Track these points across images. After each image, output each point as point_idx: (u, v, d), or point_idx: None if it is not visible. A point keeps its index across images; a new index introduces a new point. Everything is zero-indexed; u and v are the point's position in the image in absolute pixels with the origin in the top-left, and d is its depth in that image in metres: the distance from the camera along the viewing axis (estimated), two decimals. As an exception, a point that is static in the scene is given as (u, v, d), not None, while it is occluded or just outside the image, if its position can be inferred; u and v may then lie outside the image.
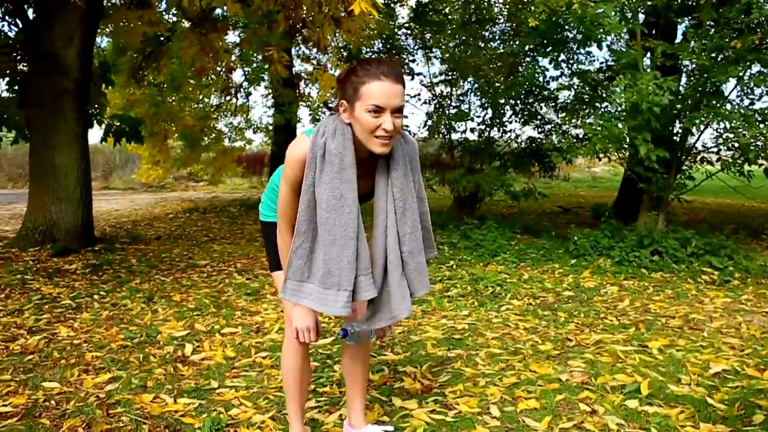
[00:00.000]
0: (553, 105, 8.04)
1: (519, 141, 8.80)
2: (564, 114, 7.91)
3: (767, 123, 6.05)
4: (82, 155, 6.36)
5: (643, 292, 4.81)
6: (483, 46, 8.64)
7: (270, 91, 13.82)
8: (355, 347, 2.18)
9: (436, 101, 8.95)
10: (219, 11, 8.05)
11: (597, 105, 7.11)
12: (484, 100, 8.56)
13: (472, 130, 8.75)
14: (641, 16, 6.75)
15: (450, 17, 9.12)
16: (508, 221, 8.03)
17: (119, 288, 4.81)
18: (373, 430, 2.25)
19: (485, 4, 8.74)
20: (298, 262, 1.87)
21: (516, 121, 8.50)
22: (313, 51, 12.70)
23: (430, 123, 8.93)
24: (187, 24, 8.20)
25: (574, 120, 7.62)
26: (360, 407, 2.25)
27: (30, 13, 6.73)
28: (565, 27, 6.31)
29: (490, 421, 2.44)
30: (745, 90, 6.44)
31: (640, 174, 6.12)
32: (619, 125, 5.56)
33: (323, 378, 2.94)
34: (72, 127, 6.23)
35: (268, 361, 3.16)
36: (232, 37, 12.55)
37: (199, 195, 16.02)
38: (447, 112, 8.81)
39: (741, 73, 6.02)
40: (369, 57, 8.24)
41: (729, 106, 6.26)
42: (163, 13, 8.68)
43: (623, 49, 6.65)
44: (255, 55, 10.68)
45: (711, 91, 6.10)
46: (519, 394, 2.70)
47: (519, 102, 8.20)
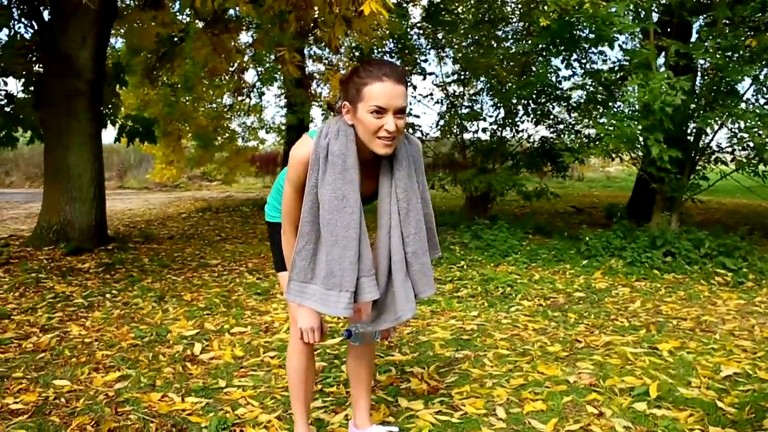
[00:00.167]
0: (565, 105, 7.98)
1: (531, 141, 8.76)
2: (576, 114, 7.85)
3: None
4: (95, 155, 6.43)
5: (654, 293, 4.76)
6: (496, 45, 8.60)
7: (283, 91, 13.89)
8: (360, 348, 2.18)
9: (449, 101, 8.92)
10: (232, 12, 8.09)
11: (610, 105, 7.05)
12: (496, 100, 8.52)
13: (484, 130, 8.71)
14: (655, 16, 6.69)
15: (462, 17, 9.09)
16: (520, 221, 7.99)
17: (131, 287, 4.86)
18: (377, 431, 2.25)
19: (498, 3, 8.70)
20: (301, 263, 1.87)
21: (528, 120, 8.45)
22: (326, 51, 12.76)
23: (442, 123, 8.91)
24: (200, 24, 8.26)
25: (586, 120, 7.56)
26: (365, 407, 2.26)
27: (45, 14, 6.80)
28: (577, 26, 6.25)
29: (496, 423, 2.43)
30: (760, 89, 6.35)
31: (653, 174, 6.06)
32: (632, 125, 5.51)
33: (330, 378, 2.94)
34: (85, 128, 6.30)
35: (276, 361, 3.17)
36: (245, 37, 12.60)
37: (213, 194, 16.13)
38: (459, 111, 8.78)
39: (756, 72, 5.95)
40: (373, 58, 8.24)
41: (744, 106, 6.18)
42: (177, 13, 8.74)
43: (637, 48, 6.59)
44: (267, 55, 10.73)
45: (725, 90, 6.02)
46: (526, 396, 2.68)
47: (531, 102, 8.15)
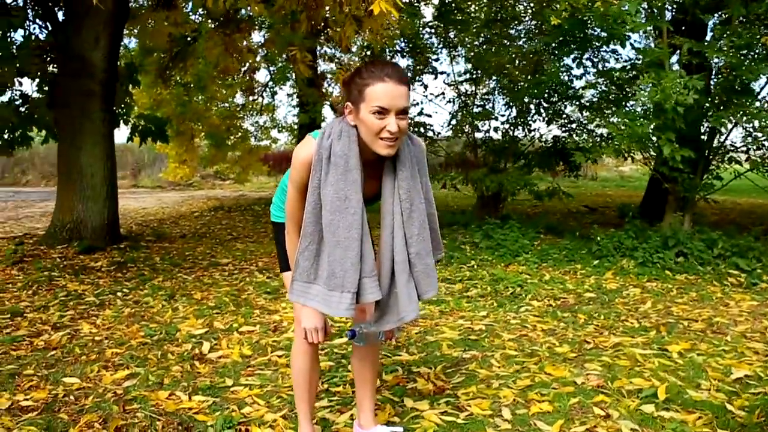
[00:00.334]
0: (577, 104, 7.93)
1: (543, 140, 8.71)
2: (588, 113, 7.79)
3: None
4: (108, 155, 6.49)
5: (666, 294, 4.72)
6: (508, 44, 8.56)
7: (295, 90, 13.93)
8: (365, 348, 2.18)
9: (461, 100, 8.90)
10: (244, 11, 8.12)
11: (622, 104, 6.99)
12: (508, 99, 8.49)
13: (496, 129, 8.69)
14: (669, 15, 6.62)
15: (475, 15, 9.07)
16: (531, 221, 7.96)
17: (142, 286, 4.90)
18: (382, 431, 2.25)
19: (510, 2, 8.66)
20: (304, 264, 1.88)
21: (540, 120, 8.42)
22: (337, 50, 12.77)
23: (454, 122, 8.89)
24: (212, 24, 8.30)
25: (597, 119, 7.50)
26: (369, 408, 2.26)
27: (60, 15, 6.87)
28: (589, 25, 6.20)
29: (501, 424, 2.43)
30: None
31: (665, 174, 6.01)
32: (644, 124, 5.45)
33: (336, 378, 2.95)
34: (98, 127, 6.36)
35: (283, 360, 3.18)
36: (257, 37, 12.65)
37: (226, 193, 16.22)
38: (471, 110, 8.75)
39: (771, 71, 5.87)
40: (375, 59, 8.23)
41: (758, 105, 6.10)
42: (189, 14, 8.79)
43: (651, 46, 6.53)
44: (279, 54, 10.76)
45: (740, 89, 5.95)
46: (532, 397, 2.67)
47: (543, 101, 8.11)
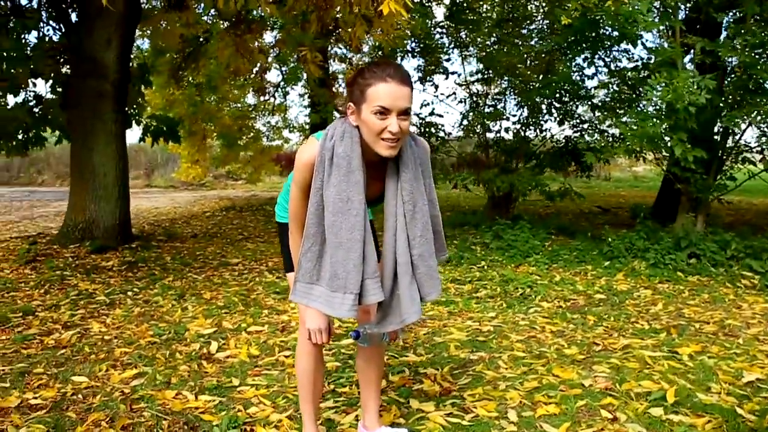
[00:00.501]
0: (589, 104, 7.88)
1: (555, 140, 8.67)
2: (599, 113, 7.74)
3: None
4: (120, 155, 6.53)
5: (677, 295, 4.67)
6: (520, 44, 8.52)
7: (306, 90, 13.96)
8: (369, 349, 2.18)
9: (472, 100, 8.88)
10: (256, 12, 8.14)
11: (634, 104, 6.93)
12: (519, 99, 8.45)
13: (507, 130, 8.65)
14: (682, 13, 6.55)
15: (486, 15, 9.04)
16: (543, 221, 7.91)
17: (152, 285, 4.93)
18: (386, 432, 2.25)
19: (522, 1, 8.62)
20: (307, 265, 1.88)
21: (552, 120, 8.37)
22: (348, 51, 12.78)
23: (465, 122, 8.87)
24: (224, 25, 8.33)
25: (608, 120, 7.44)
26: (374, 409, 2.25)
27: (73, 17, 6.94)
28: (601, 24, 6.15)
29: (507, 426, 2.41)
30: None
31: (678, 174, 5.95)
32: (656, 124, 5.40)
33: (343, 378, 2.95)
34: (110, 128, 6.41)
35: (290, 360, 3.18)
36: (269, 37, 12.70)
37: (238, 193, 16.30)
38: (482, 111, 8.72)
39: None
40: (378, 59, 8.20)
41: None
42: (201, 14, 8.83)
43: (665, 45, 6.46)
44: (291, 54, 10.79)
45: (754, 88, 5.88)
46: (539, 399, 2.65)
47: (555, 101, 8.06)
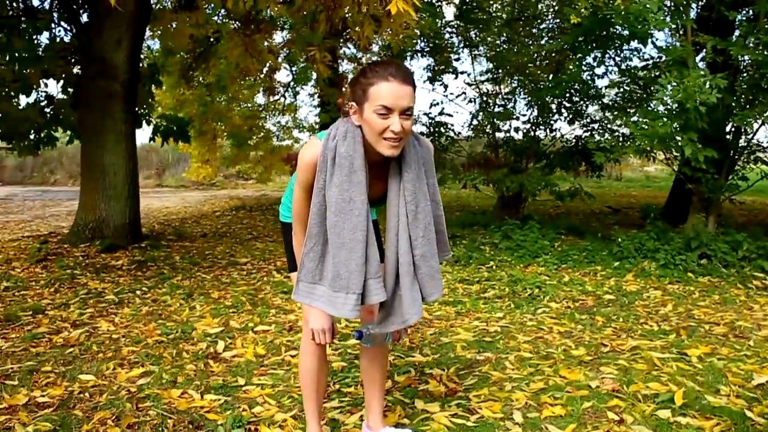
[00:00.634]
0: (599, 103, 7.83)
1: (565, 140, 8.62)
2: (609, 113, 7.68)
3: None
4: (130, 154, 6.57)
5: (688, 296, 4.63)
6: (530, 43, 8.48)
7: (316, 90, 13.98)
8: (373, 349, 2.17)
9: (482, 100, 8.85)
10: (266, 12, 8.16)
11: (644, 103, 6.87)
12: (529, 99, 8.41)
13: (516, 129, 8.61)
14: (693, 12, 6.49)
15: (496, 14, 9.00)
16: (553, 222, 7.87)
17: (161, 284, 4.96)
18: (390, 433, 2.24)
19: (532, 0, 8.58)
20: (309, 264, 1.87)
21: (562, 120, 8.33)
22: (358, 50, 12.77)
23: (475, 122, 8.84)
24: (234, 25, 8.36)
25: (618, 120, 7.38)
26: (377, 409, 2.25)
27: (84, 17, 6.99)
28: (611, 23, 6.10)
29: (512, 427, 2.39)
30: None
31: (688, 174, 5.89)
32: (666, 124, 5.35)
33: (348, 378, 2.94)
34: (120, 128, 6.45)
35: (296, 360, 3.17)
36: (279, 37, 12.73)
37: (248, 193, 16.36)
38: (492, 110, 8.69)
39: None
40: (380, 59, 8.18)
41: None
42: (211, 14, 8.86)
43: (676, 44, 6.40)
44: (301, 55, 10.80)
45: (766, 87, 5.81)
46: (545, 400, 2.63)
47: (565, 100, 8.02)
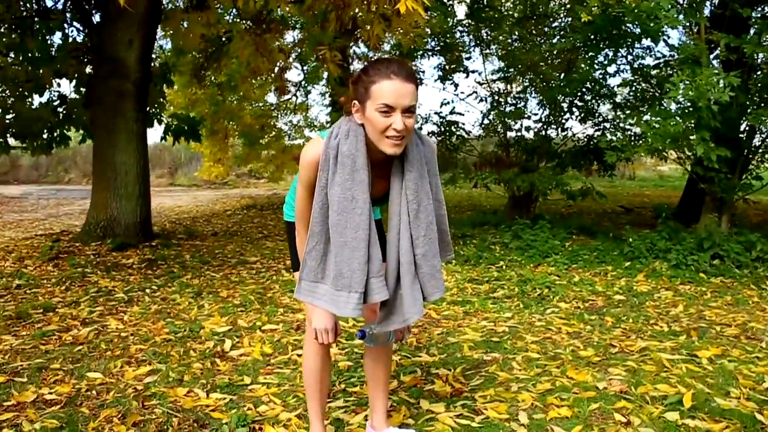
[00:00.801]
0: (611, 102, 7.76)
1: (576, 139, 8.56)
2: (620, 112, 7.62)
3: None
4: (141, 153, 6.61)
5: (699, 297, 4.58)
6: (541, 42, 8.43)
7: (327, 89, 13.99)
8: (377, 349, 2.17)
9: (493, 99, 8.81)
10: (276, 12, 8.17)
11: (656, 102, 6.81)
12: (541, 98, 8.37)
13: (527, 129, 8.57)
14: (707, 10, 6.41)
15: (507, 13, 8.96)
16: (564, 221, 7.82)
17: (171, 283, 4.98)
18: (394, 433, 2.23)
19: (543, -1, 8.54)
20: (312, 263, 1.87)
21: (573, 119, 8.27)
22: (369, 49, 12.76)
23: (486, 121, 8.81)
24: (245, 25, 8.37)
25: (630, 119, 7.31)
26: (381, 409, 2.24)
27: (96, 18, 7.03)
28: (622, 21, 6.05)
29: (517, 428, 2.37)
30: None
31: (701, 174, 5.83)
32: (678, 123, 5.29)
33: (354, 378, 2.93)
34: (132, 127, 6.49)
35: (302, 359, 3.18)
36: (290, 37, 12.75)
37: (260, 192, 16.41)
38: (503, 109, 8.65)
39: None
40: (382, 57, 8.14)
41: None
42: (222, 14, 8.88)
43: (690, 42, 6.33)
44: (312, 54, 10.81)
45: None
46: (551, 401, 2.61)
47: (576, 99, 7.96)
